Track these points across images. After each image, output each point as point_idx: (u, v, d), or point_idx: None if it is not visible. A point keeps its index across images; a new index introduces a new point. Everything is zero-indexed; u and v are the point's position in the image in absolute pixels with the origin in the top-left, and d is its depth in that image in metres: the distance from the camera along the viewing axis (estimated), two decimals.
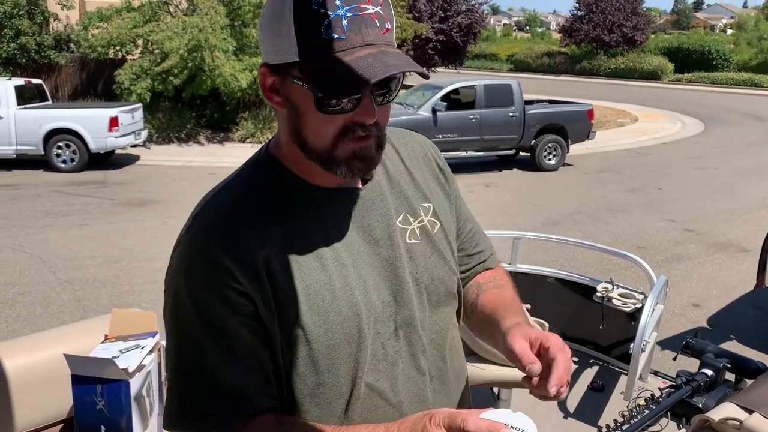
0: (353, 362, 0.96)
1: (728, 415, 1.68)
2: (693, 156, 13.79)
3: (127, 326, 1.74)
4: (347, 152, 0.91)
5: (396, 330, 1.01)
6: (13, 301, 5.42)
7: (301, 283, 0.93)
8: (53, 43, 15.52)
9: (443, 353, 1.08)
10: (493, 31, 64.39)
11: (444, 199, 1.13)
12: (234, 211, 0.95)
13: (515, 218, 8.32)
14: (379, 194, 1.03)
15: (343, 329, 0.94)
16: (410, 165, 1.11)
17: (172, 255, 0.97)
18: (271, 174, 0.99)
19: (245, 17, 13.54)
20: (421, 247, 1.05)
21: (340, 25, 0.83)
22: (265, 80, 0.93)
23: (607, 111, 19.89)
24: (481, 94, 11.52)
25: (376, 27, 0.86)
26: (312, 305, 0.93)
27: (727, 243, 7.42)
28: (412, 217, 1.06)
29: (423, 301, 1.04)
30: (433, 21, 24.58)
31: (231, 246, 0.91)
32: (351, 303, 0.95)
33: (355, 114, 0.88)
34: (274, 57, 0.89)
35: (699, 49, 39.27)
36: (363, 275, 0.98)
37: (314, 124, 0.90)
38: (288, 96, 0.91)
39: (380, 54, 0.84)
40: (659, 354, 3.82)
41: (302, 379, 0.95)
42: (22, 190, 9.81)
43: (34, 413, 1.69)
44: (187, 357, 0.95)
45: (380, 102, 0.90)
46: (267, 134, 13.98)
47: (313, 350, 0.93)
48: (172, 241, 1.00)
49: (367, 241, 0.99)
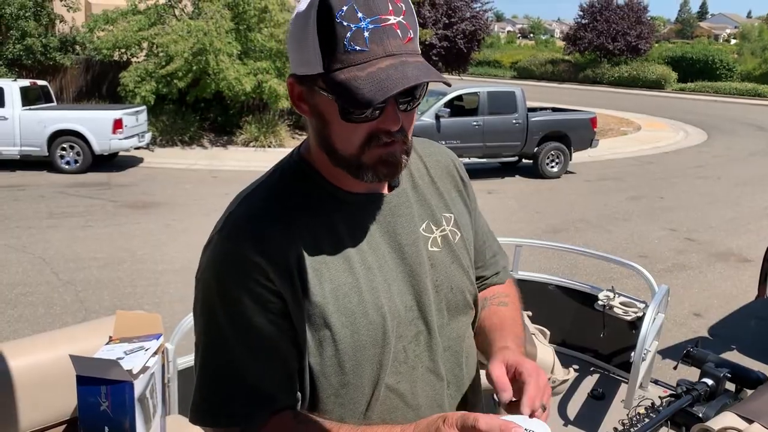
0: (376, 364, 0.98)
1: (728, 424, 1.69)
2: (695, 165, 13.80)
3: (131, 328, 1.75)
4: (374, 158, 0.93)
5: (417, 334, 1.03)
6: (16, 301, 5.44)
7: (329, 284, 0.95)
8: (59, 45, 15.57)
9: (459, 360, 1.10)
10: (497, 38, 64.51)
11: (464, 211, 1.16)
12: (266, 211, 0.97)
13: (517, 225, 8.33)
14: (405, 201, 1.06)
15: (368, 331, 0.96)
16: (435, 175, 1.13)
17: (204, 252, 0.99)
18: (302, 177, 1.01)
19: (250, 21, 13.59)
20: (442, 256, 1.07)
21: (362, 38, 0.86)
22: (294, 90, 0.96)
23: (610, 119, 19.93)
24: (485, 101, 11.54)
25: (397, 37, 0.88)
26: (340, 306, 0.95)
27: (728, 253, 7.42)
28: (435, 225, 1.08)
29: (442, 308, 1.06)
30: (437, 27, 24.64)
31: (263, 245, 0.94)
32: (377, 306, 0.97)
33: (380, 122, 0.91)
34: (301, 68, 0.92)
35: (702, 58, 39.35)
36: (388, 279, 1.00)
37: (340, 133, 0.92)
38: (315, 106, 0.94)
39: (401, 65, 0.86)
40: (660, 363, 3.82)
41: (327, 379, 0.97)
42: (26, 191, 9.84)
43: (38, 413, 1.70)
44: (213, 353, 0.98)
45: (404, 109, 0.92)
46: (270, 138, 14.02)
47: (340, 351, 0.95)
48: (176, 244, 1.02)
49: (392, 246, 1.02)
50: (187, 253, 6.66)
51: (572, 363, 2.99)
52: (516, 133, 11.63)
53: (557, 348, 2.86)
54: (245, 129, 14.16)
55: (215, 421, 0.97)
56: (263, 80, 13.22)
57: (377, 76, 0.85)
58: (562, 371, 2.43)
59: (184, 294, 5.51)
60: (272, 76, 13.38)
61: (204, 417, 0.98)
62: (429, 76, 0.87)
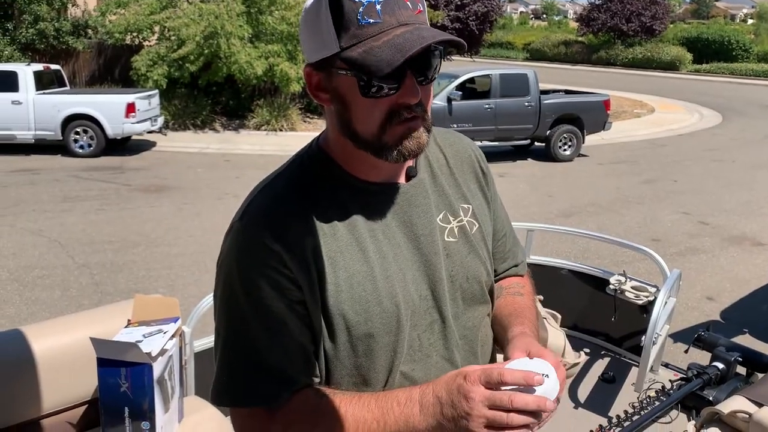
0: (391, 351, 1.01)
1: (738, 407, 1.70)
2: (710, 148, 13.67)
3: (149, 311, 1.79)
4: (396, 136, 0.95)
5: (431, 323, 1.05)
6: (33, 284, 5.52)
7: (344, 272, 0.98)
8: (71, 29, 15.64)
9: (474, 349, 1.12)
10: (509, 20, 63.85)
11: (483, 202, 1.17)
12: (285, 200, 1.00)
13: (529, 209, 8.32)
14: (422, 191, 1.07)
15: (382, 319, 0.99)
16: (454, 165, 1.15)
17: (225, 240, 1.02)
18: (320, 167, 1.03)
19: (261, 4, 13.54)
20: (459, 246, 1.09)
21: (374, 10, 0.88)
22: (311, 80, 0.98)
23: (623, 101, 19.73)
24: (497, 84, 11.47)
25: (408, 8, 0.91)
26: (354, 294, 0.98)
27: (742, 236, 7.38)
28: (452, 216, 1.10)
29: (457, 298, 1.08)
30: (449, 9, 24.44)
31: (281, 233, 0.96)
32: (391, 295, 1.00)
33: (399, 96, 0.92)
34: (316, 54, 0.94)
35: (718, 39, 38.74)
36: (403, 269, 1.02)
37: (361, 112, 0.94)
38: (334, 89, 0.96)
39: (415, 29, 0.89)
40: (671, 346, 3.83)
41: (342, 362, 1.00)
42: (41, 175, 9.93)
43: (60, 394, 1.74)
44: (235, 336, 1.01)
45: (421, 82, 0.94)
46: (282, 122, 14.03)
47: (353, 336, 0.98)
48: (189, 227, 1.06)
49: (408, 236, 1.04)
50: (201, 236, 6.72)
51: (583, 347, 3.01)
52: (528, 116, 11.56)
53: (568, 332, 2.88)
54: (257, 113, 14.17)
55: (237, 401, 1.00)
56: (274, 63, 13.20)
57: (394, 41, 0.87)
58: (573, 354, 2.45)
59: (198, 277, 5.57)
60: (283, 60, 13.35)
61: (226, 397, 1.01)
62: (444, 35, 0.89)
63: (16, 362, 1.69)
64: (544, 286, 2.94)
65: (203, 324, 2.04)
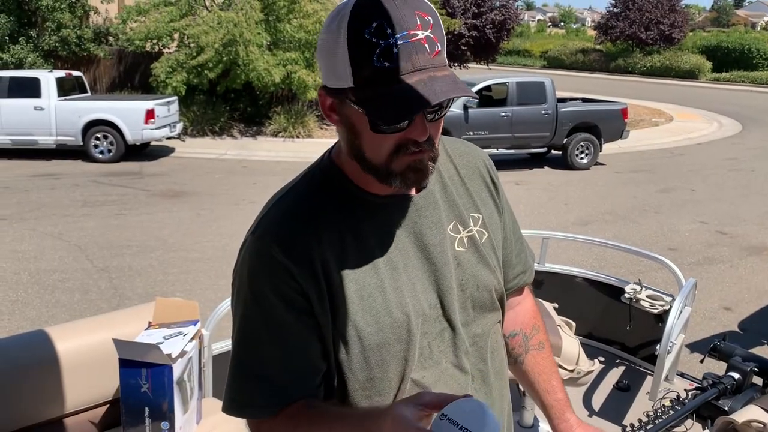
0: (402, 360, 1.03)
1: (753, 417, 1.70)
2: (729, 157, 13.54)
3: (170, 314, 1.82)
4: (402, 166, 0.97)
5: (441, 331, 1.07)
6: (53, 287, 5.61)
7: (354, 284, 1.00)
8: (93, 36, 15.86)
9: (484, 356, 1.14)
10: (526, 27, 63.74)
11: (494, 211, 1.18)
12: (295, 215, 1.03)
13: (545, 217, 8.30)
14: (432, 202, 1.09)
15: (393, 329, 1.01)
16: (464, 175, 1.16)
17: (240, 252, 1.05)
18: (331, 181, 1.06)
19: (280, 12, 13.66)
20: (469, 256, 1.11)
21: (391, 53, 0.89)
22: (324, 101, 1.00)
23: (641, 110, 19.61)
24: (514, 92, 11.47)
25: (425, 52, 0.90)
26: (364, 306, 1.00)
27: (761, 246, 7.31)
28: (462, 226, 1.12)
29: (467, 306, 1.10)
30: (466, 17, 24.43)
31: (291, 248, 0.99)
32: (401, 305, 1.02)
33: (408, 132, 0.94)
34: (332, 81, 0.96)
35: (738, 47, 38.37)
36: (413, 279, 1.04)
37: (370, 143, 0.97)
38: (346, 117, 0.98)
39: (429, 80, 0.89)
40: (687, 356, 3.81)
41: (354, 374, 1.02)
42: (62, 180, 10.08)
43: (83, 394, 1.78)
44: (244, 346, 1.05)
45: (431, 119, 0.96)
46: (299, 129, 14.11)
47: (365, 348, 1.01)
48: (206, 233, 1.10)
49: (418, 246, 1.06)
50: (218, 242, 6.79)
51: (598, 355, 3.00)
52: (545, 124, 11.53)
53: (583, 340, 2.88)
54: (274, 119, 14.27)
55: (232, 410, 1.05)
56: (292, 71, 13.30)
57: (405, 93, 0.88)
58: (588, 363, 2.45)
59: (215, 282, 5.62)
60: (301, 67, 13.46)
61: (225, 404, 1.06)
62: (455, 91, 0.90)
63: (39, 362, 1.73)
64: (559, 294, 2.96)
65: (221, 327, 2.07)
